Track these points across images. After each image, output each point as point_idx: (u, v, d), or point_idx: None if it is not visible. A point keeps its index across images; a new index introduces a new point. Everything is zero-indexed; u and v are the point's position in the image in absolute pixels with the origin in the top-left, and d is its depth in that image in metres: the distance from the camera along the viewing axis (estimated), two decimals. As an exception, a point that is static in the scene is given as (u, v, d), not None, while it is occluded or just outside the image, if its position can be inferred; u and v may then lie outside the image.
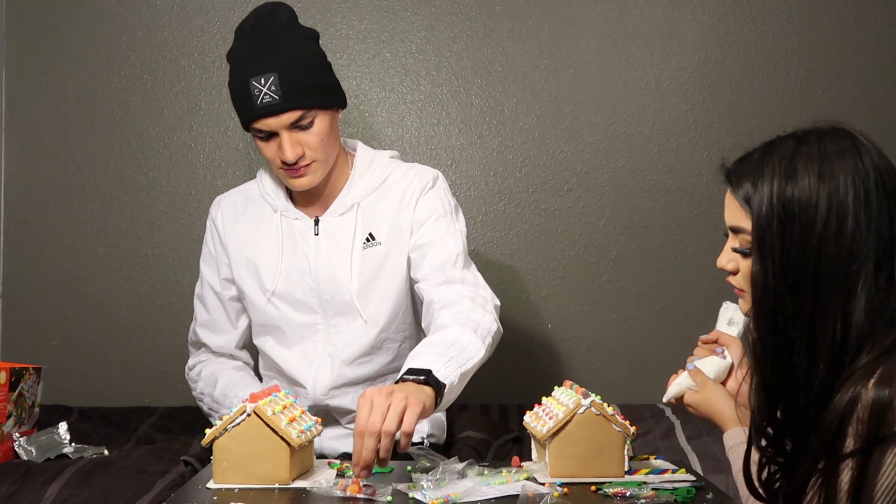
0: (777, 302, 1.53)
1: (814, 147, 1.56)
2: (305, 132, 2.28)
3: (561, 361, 3.17)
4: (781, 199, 1.53)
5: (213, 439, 1.84)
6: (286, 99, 2.23)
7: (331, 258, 2.38)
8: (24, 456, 2.39)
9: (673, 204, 3.18)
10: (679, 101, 3.19)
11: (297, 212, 2.42)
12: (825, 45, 3.18)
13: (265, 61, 2.24)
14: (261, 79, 2.23)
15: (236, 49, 2.33)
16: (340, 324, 2.39)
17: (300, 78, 2.26)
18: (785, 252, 1.52)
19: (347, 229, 2.39)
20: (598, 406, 1.85)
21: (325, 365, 2.39)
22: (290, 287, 2.39)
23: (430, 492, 1.74)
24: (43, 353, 3.04)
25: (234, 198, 2.51)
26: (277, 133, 2.27)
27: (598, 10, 3.18)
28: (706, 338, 2.00)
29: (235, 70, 2.29)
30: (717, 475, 2.27)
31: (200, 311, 2.54)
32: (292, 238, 2.41)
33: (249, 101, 2.24)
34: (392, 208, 2.39)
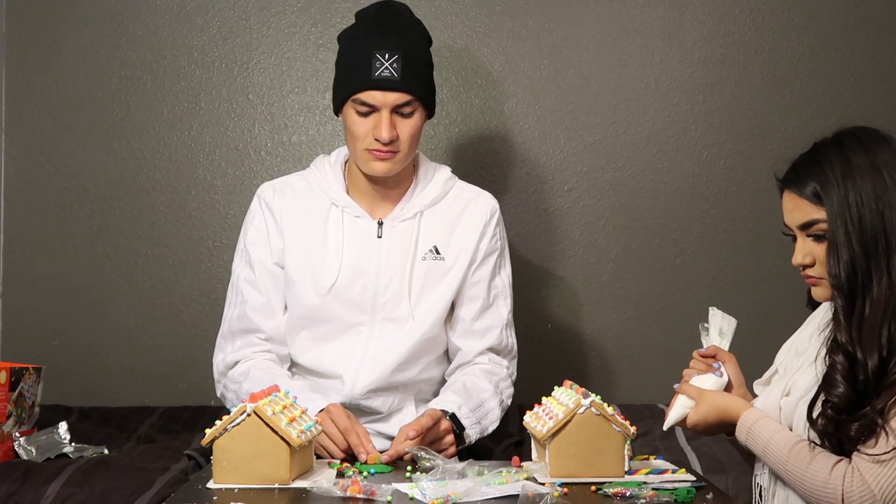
0: (853, 271, 1.74)
1: (854, 141, 1.80)
2: (405, 119, 2.31)
3: (561, 361, 3.17)
4: (850, 187, 1.75)
5: (213, 439, 1.84)
6: (404, 80, 2.28)
7: (392, 263, 2.39)
8: (24, 455, 2.40)
9: (673, 204, 3.18)
10: (679, 101, 3.19)
11: (358, 209, 2.40)
12: (825, 45, 3.18)
13: (393, 41, 2.30)
14: (385, 54, 2.28)
15: (359, 27, 2.37)
16: (387, 328, 2.39)
17: (419, 67, 2.33)
18: (859, 223, 1.74)
19: (410, 237, 2.40)
20: (598, 406, 1.85)
21: (365, 365, 2.38)
22: (348, 286, 2.37)
23: (430, 492, 1.74)
24: (43, 353, 3.04)
25: (287, 184, 2.47)
26: (377, 111, 2.29)
27: (598, 10, 3.18)
28: (703, 352, 2.02)
29: (357, 45, 2.32)
30: (717, 475, 2.27)
31: (252, 294, 2.42)
32: (354, 235, 2.39)
33: (368, 71, 2.28)
34: (459, 227, 2.43)
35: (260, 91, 3.18)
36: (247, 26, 3.18)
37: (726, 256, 3.19)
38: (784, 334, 2.02)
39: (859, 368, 1.70)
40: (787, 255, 3.10)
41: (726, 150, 3.20)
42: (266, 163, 3.18)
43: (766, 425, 1.81)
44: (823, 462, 1.71)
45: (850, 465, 1.68)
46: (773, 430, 1.80)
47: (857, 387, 1.70)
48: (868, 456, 1.66)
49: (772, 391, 1.88)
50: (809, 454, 1.73)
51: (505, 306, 2.49)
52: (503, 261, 2.50)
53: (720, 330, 2.04)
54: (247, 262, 2.44)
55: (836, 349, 1.74)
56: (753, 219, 3.17)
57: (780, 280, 3.12)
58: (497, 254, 2.47)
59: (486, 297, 2.45)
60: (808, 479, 1.71)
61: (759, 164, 3.17)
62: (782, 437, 1.78)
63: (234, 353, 2.41)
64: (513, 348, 2.51)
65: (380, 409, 2.41)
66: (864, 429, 1.67)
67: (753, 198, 3.16)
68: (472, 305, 2.44)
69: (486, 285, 2.45)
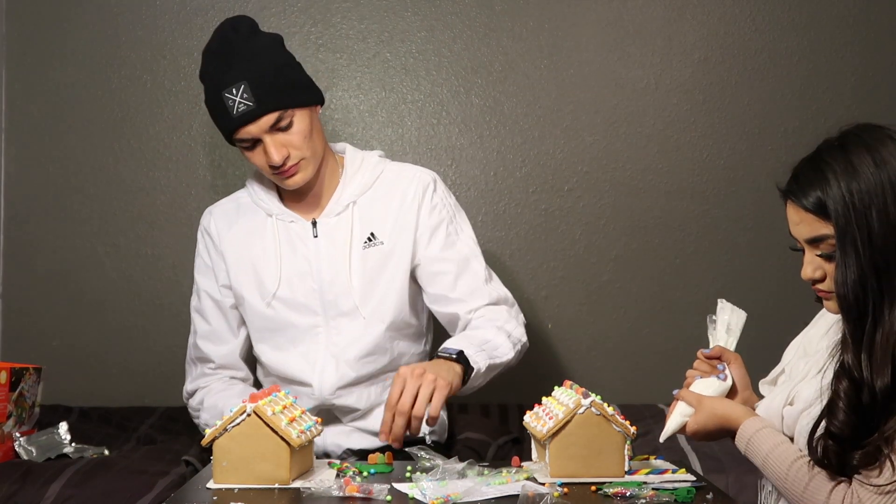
0: (864, 291, 1.62)
1: (857, 143, 1.68)
2: (287, 133, 2.31)
3: (561, 361, 3.17)
4: (852, 195, 1.63)
5: (213, 439, 1.84)
6: (260, 103, 2.27)
7: (331, 259, 2.40)
8: (24, 456, 2.40)
9: (673, 204, 3.18)
10: (679, 101, 3.19)
11: (292, 214, 2.43)
12: (825, 45, 3.18)
13: (233, 72, 2.28)
14: (232, 89, 2.27)
15: (205, 68, 2.37)
16: (342, 324, 2.41)
17: (270, 80, 2.30)
18: (869, 240, 1.62)
19: (345, 229, 2.41)
20: (598, 406, 1.85)
21: (329, 365, 2.40)
22: (291, 290, 2.40)
23: (430, 492, 1.74)
24: (43, 353, 3.04)
25: (225, 206, 2.54)
26: (261, 139, 2.30)
27: (598, 10, 3.18)
28: (708, 353, 1.97)
29: (207, 88, 2.34)
30: (717, 475, 2.27)
31: (200, 323, 2.53)
32: (290, 241, 2.42)
33: (226, 113, 2.29)
34: (393, 208, 2.43)
35: (260, 91, 3.18)
36: (247, 26, 3.18)
37: (726, 256, 3.18)
38: (784, 334, 2.01)
39: (864, 393, 1.61)
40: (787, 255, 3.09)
41: (726, 150, 3.20)
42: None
43: (766, 437, 1.76)
44: (822, 484, 1.65)
45: (850, 490, 1.62)
46: (773, 444, 1.75)
47: (860, 412, 1.62)
48: (871, 485, 1.59)
49: (775, 398, 1.83)
50: (808, 473, 1.67)
51: (479, 264, 2.47)
52: (457, 226, 2.48)
53: (728, 325, 1.98)
54: (195, 292, 2.55)
55: (842, 373, 1.65)
56: (753, 219, 3.17)
57: (781, 280, 3.12)
58: (445, 223, 2.45)
59: (454, 267, 2.43)
60: (807, 499, 1.66)
61: (759, 164, 3.17)
62: (782, 451, 1.73)
63: (193, 382, 2.52)
64: (507, 297, 2.49)
65: (356, 406, 2.42)
66: (868, 456, 1.60)
67: (753, 198, 3.16)
68: (443, 280, 2.43)
69: (445, 257, 2.43)
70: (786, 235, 1.81)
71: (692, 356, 2.03)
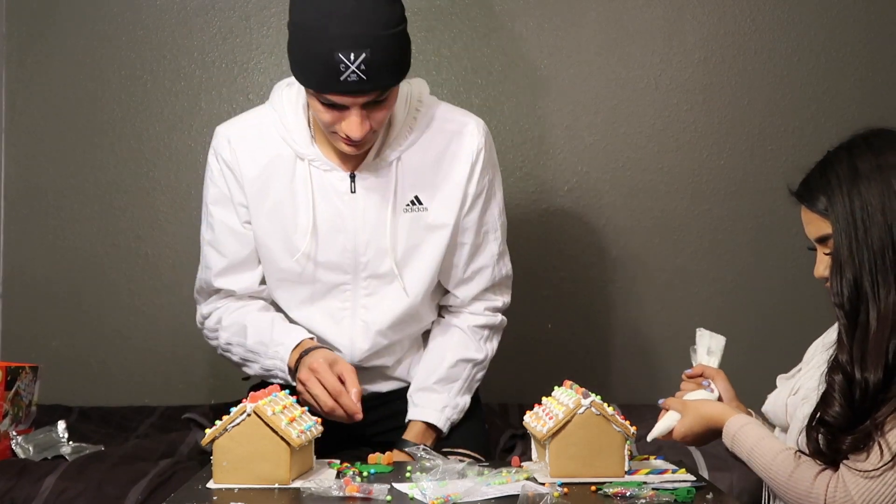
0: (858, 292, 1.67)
1: (864, 147, 1.73)
2: (378, 108, 2.08)
3: (561, 361, 3.17)
4: (852, 198, 1.68)
5: (213, 439, 1.84)
6: (373, 79, 2.02)
7: (371, 220, 2.21)
8: (21, 454, 2.40)
9: (673, 204, 3.18)
10: (679, 101, 3.19)
11: (328, 162, 2.20)
12: (825, 45, 3.18)
13: (357, 35, 1.99)
14: (350, 54, 1.98)
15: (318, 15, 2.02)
16: (373, 285, 2.26)
17: (389, 54, 2.03)
18: (865, 242, 1.66)
19: (388, 188, 2.20)
20: (598, 406, 1.85)
21: (358, 331, 2.28)
22: (322, 247, 2.22)
23: (430, 492, 1.74)
24: (42, 353, 3.03)
25: (243, 130, 2.25)
26: (346, 107, 2.06)
27: (598, 10, 3.18)
28: (690, 372, 2.02)
29: (314, 34, 2.02)
30: (721, 473, 2.27)
31: (214, 258, 2.30)
32: (325, 192, 2.21)
33: (332, 73, 2.00)
34: (441, 175, 2.23)
35: (260, 91, 3.18)
36: (247, 26, 3.18)
37: (726, 256, 3.18)
38: (783, 333, 2.02)
39: (856, 387, 1.65)
40: (788, 255, 3.12)
41: (726, 150, 3.20)
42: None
43: (750, 432, 1.80)
44: (807, 470, 1.68)
45: (836, 475, 1.65)
46: (757, 437, 1.78)
47: (854, 405, 1.66)
48: (857, 470, 1.63)
49: (783, 389, 1.88)
50: (794, 462, 1.71)
51: (495, 240, 2.33)
52: (493, 192, 2.31)
53: (709, 349, 2.05)
54: (208, 224, 2.31)
55: (835, 368, 1.69)
56: (753, 219, 3.17)
57: (781, 280, 3.12)
58: (485, 191, 2.28)
59: (476, 238, 2.30)
60: (792, 486, 1.69)
61: (759, 164, 3.17)
62: (767, 444, 1.77)
63: (207, 306, 2.36)
64: (507, 276, 2.40)
65: (386, 364, 2.35)
66: (857, 441, 1.64)
67: (753, 198, 3.16)
68: (463, 251, 2.30)
69: (474, 229, 2.29)
70: (786, 235, 1.84)
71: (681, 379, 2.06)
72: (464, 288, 2.35)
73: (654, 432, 1.95)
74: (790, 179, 1.85)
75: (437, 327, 2.40)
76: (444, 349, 2.35)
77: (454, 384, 2.31)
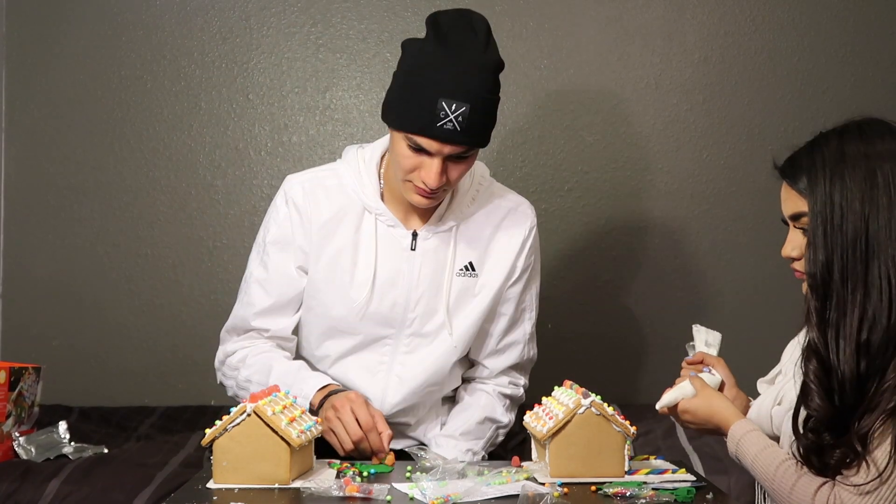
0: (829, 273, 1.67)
1: (854, 133, 1.71)
2: (458, 164, 2.16)
3: (561, 361, 3.16)
4: (833, 181, 1.68)
5: (213, 439, 1.84)
6: (468, 134, 2.11)
7: (427, 279, 2.28)
8: (23, 455, 2.40)
9: (673, 204, 3.18)
10: (679, 101, 3.19)
11: (394, 218, 2.27)
12: (825, 45, 3.18)
13: (463, 89, 2.10)
14: (453, 104, 2.08)
15: (430, 54, 2.13)
16: (414, 343, 2.31)
17: (487, 117, 2.15)
18: (840, 226, 1.66)
19: (446, 251, 2.29)
20: (598, 406, 1.85)
21: (392, 385, 2.32)
22: (377, 300, 2.27)
23: (430, 492, 1.74)
24: (43, 353, 3.04)
25: (318, 182, 2.31)
26: (430, 154, 2.13)
27: (598, 10, 3.18)
28: (691, 360, 2.04)
29: (422, 77, 2.12)
30: (719, 475, 2.27)
31: (260, 296, 2.31)
32: (388, 247, 2.27)
33: (430, 118, 2.09)
34: (496, 242, 2.33)
35: (260, 91, 3.18)
36: (247, 26, 3.18)
37: (726, 256, 3.19)
38: (783, 333, 2.02)
39: (833, 376, 1.65)
40: (787, 255, 3.11)
41: (726, 150, 3.20)
42: (266, 163, 3.18)
43: (754, 440, 1.79)
44: (807, 485, 1.68)
45: (833, 492, 1.65)
46: (761, 446, 1.78)
47: (834, 399, 1.65)
48: (850, 486, 1.62)
49: (766, 398, 1.88)
50: (795, 474, 1.70)
51: (530, 320, 2.41)
52: (535, 273, 2.40)
53: (706, 342, 2.07)
54: (262, 262, 2.33)
55: (809, 354, 1.69)
56: (753, 219, 3.17)
57: (781, 280, 3.12)
58: (531, 268, 2.38)
59: (515, 313, 2.37)
60: (793, 499, 1.69)
61: (759, 164, 3.16)
62: (770, 453, 1.76)
63: (234, 344, 2.36)
64: (533, 359, 2.46)
65: (408, 422, 2.38)
66: (845, 456, 1.63)
67: (753, 198, 3.16)
68: (500, 322, 2.36)
69: (515, 303, 2.36)
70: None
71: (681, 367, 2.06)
72: (494, 359, 2.39)
73: (662, 401, 1.95)
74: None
75: (465, 390, 2.43)
76: (474, 408, 2.38)
77: (479, 441, 2.34)
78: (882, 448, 1.61)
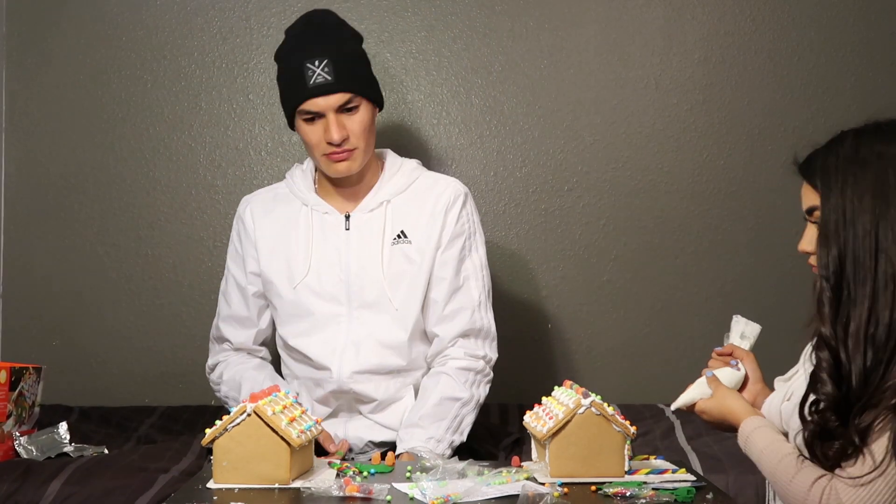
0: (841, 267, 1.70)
1: (872, 135, 1.75)
2: (351, 116, 2.40)
3: (561, 361, 3.17)
4: (846, 177, 1.71)
5: (213, 439, 1.84)
6: (338, 81, 2.37)
7: (361, 252, 2.46)
8: (24, 455, 2.40)
9: (673, 204, 3.18)
10: (679, 101, 3.19)
11: (327, 206, 2.50)
12: (825, 45, 3.18)
13: (319, 48, 2.39)
14: (315, 61, 2.37)
15: (289, 42, 2.47)
16: (365, 315, 2.46)
17: (350, 65, 2.41)
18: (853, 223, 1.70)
19: (377, 226, 2.47)
20: (598, 406, 1.85)
21: (349, 352, 2.45)
22: (318, 278, 2.46)
23: (430, 492, 1.74)
24: (43, 353, 3.04)
25: (263, 195, 2.60)
26: (323, 115, 2.39)
27: (598, 10, 3.18)
28: (721, 350, 2.05)
29: (289, 58, 2.44)
30: (718, 475, 2.27)
31: (223, 305, 2.59)
32: (322, 231, 2.48)
33: (302, 82, 2.38)
34: (425, 212, 2.48)
35: (260, 91, 3.18)
36: (247, 26, 3.18)
37: (726, 256, 3.18)
38: (783, 333, 2.02)
39: (842, 367, 1.68)
40: (787, 255, 3.11)
41: (726, 150, 3.20)
42: (266, 163, 3.18)
43: (762, 435, 1.81)
44: (806, 477, 1.69)
45: (829, 484, 1.67)
46: (768, 441, 1.79)
47: (842, 388, 1.68)
48: (848, 478, 1.64)
49: (777, 395, 1.89)
50: (796, 466, 1.72)
51: (476, 288, 2.50)
52: (473, 244, 2.53)
53: (742, 333, 2.07)
54: (225, 275, 2.61)
55: (821, 345, 1.72)
56: (753, 219, 3.17)
57: (780, 280, 3.12)
58: (465, 237, 2.50)
59: (455, 279, 2.48)
60: (792, 491, 1.71)
61: (759, 164, 3.17)
62: (775, 448, 1.78)
63: (213, 357, 2.60)
64: (490, 330, 2.51)
65: (374, 395, 2.45)
66: (844, 449, 1.65)
67: (753, 198, 3.16)
68: (440, 287, 2.47)
69: (453, 266, 2.48)
70: (786, 235, 1.84)
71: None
72: (444, 326, 2.47)
73: (678, 402, 1.97)
74: (790, 179, 1.86)
75: (427, 377, 2.49)
76: (430, 390, 2.44)
77: (441, 422, 2.38)
78: (880, 442, 1.63)
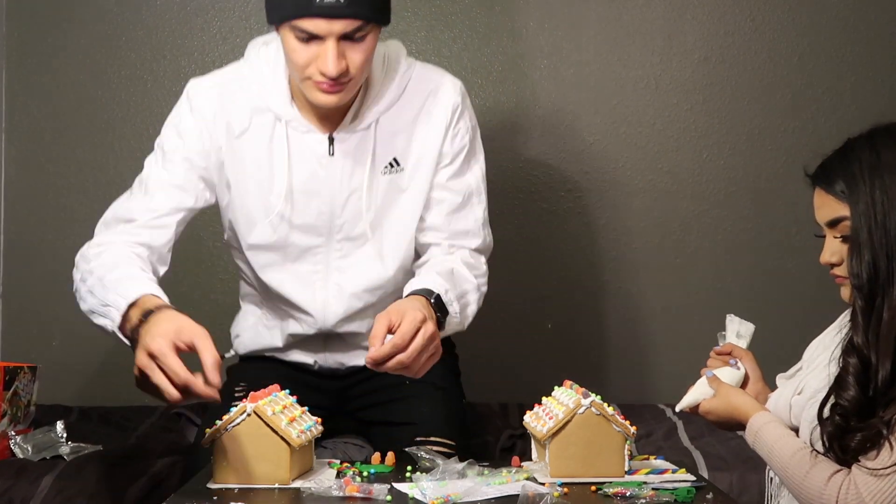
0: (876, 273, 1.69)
1: (887, 139, 1.74)
2: (355, 46, 2.01)
3: (561, 361, 3.17)
4: (874, 182, 1.70)
5: (214, 439, 1.84)
6: (353, 4, 1.96)
7: (348, 182, 2.17)
8: (20, 454, 2.39)
9: (673, 204, 3.18)
10: (679, 101, 3.19)
11: (307, 124, 2.16)
12: (825, 45, 3.18)
13: None
14: None
15: None
16: (346, 248, 2.22)
17: None
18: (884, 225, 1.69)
19: (366, 150, 2.16)
20: (598, 406, 1.85)
21: (332, 295, 2.22)
22: (298, 208, 2.18)
23: (430, 492, 1.74)
24: (43, 353, 3.04)
25: (222, 86, 2.20)
26: (322, 39, 1.99)
27: (598, 10, 3.18)
28: (719, 349, 2.04)
29: None
30: (722, 473, 2.27)
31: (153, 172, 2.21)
32: (302, 154, 2.16)
33: None
34: (419, 132, 2.19)
35: (260, 91, 3.18)
36: (247, 26, 3.18)
37: (726, 256, 3.19)
38: (783, 332, 2.02)
39: (872, 373, 1.67)
40: (787, 255, 3.12)
41: (726, 150, 3.20)
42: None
43: (772, 430, 1.80)
44: (822, 471, 1.68)
45: (848, 476, 1.65)
46: (778, 435, 1.79)
47: (868, 392, 1.67)
48: (868, 469, 1.63)
49: (785, 389, 1.89)
50: (810, 461, 1.71)
51: (479, 204, 2.27)
52: (473, 154, 2.26)
53: (738, 333, 2.06)
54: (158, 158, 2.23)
55: (850, 351, 1.71)
56: (753, 219, 3.17)
57: (780, 279, 3.12)
58: (465, 150, 2.23)
59: (456, 200, 2.22)
60: (806, 486, 1.70)
61: (759, 164, 3.17)
62: (786, 442, 1.77)
63: (100, 237, 2.24)
64: (490, 245, 2.30)
65: (359, 331, 2.26)
66: (866, 440, 1.64)
67: (753, 198, 3.16)
68: (439, 209, 2.22)
69: (452, 186, 2.22)
70: (786, 235, 1.83)
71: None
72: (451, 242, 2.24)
73: (682, 403, 1.96)
74: (790, 179, 1.86)
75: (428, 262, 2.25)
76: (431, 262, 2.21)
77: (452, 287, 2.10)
78: None
